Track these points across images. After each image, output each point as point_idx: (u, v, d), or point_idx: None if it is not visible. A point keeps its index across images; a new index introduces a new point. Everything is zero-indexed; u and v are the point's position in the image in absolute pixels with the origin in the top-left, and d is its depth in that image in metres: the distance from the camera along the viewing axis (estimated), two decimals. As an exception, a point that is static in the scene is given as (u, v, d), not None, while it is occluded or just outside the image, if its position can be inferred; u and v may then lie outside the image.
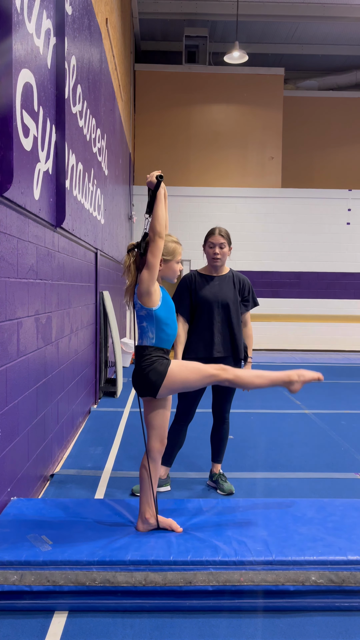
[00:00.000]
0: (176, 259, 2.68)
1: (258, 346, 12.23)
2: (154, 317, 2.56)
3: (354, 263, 12.49)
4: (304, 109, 13.23)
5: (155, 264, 2.49)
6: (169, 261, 2.65)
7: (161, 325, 2.57)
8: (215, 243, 3.47)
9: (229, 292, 3.53)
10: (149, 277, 2.50)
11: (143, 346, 2.60)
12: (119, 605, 2.28)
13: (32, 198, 3.04)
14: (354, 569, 2.32)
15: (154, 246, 2.48)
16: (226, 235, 3.50)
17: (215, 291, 3.51)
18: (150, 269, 2.49)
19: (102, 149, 6.18)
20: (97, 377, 6.21)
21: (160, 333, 2.58)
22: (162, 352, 2.60)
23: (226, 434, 3.66)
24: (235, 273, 3.62)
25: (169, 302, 2.64)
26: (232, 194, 12.31)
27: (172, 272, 2.68)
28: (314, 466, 4.16)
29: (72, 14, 4.08)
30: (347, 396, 6.99)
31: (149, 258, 2.49)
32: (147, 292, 2.52)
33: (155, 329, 2.57)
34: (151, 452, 2.65)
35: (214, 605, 2.30)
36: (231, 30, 11.78)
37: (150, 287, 2.51)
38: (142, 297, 2.54)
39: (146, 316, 2.57)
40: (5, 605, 2.26)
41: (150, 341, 2.58)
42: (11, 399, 2.83)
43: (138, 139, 12.37)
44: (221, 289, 3.52)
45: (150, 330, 2.58)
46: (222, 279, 3.56)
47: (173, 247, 2.66)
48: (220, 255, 3.48)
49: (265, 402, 6.40)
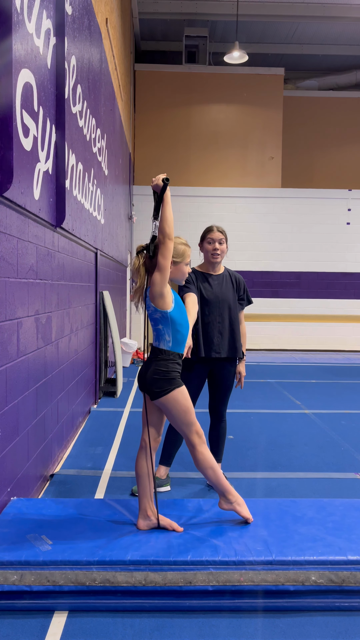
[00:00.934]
0: (185, 261, 2.71)
1: (258, 346, 12.23)
2: (169, 319, 2.57)
3: (354, 263, 12.49)
4: (304, 109, 13.23)
5: (167, 266, 2.50)
6: (179, 263, 2.68)
7: (176, 326, 2.60)
8: (214, 239, 3.47)
9: (228, 292, 3.53)
10: (161, 280, 2.51)
11: (160, 349, 2.62)
12: (119, 605, 2.28)
13: (32, 198, 3.04)
14: (354, 569, 2.32)
15: (164, 248, 2.49)
16: (224, 232, 3.53)
17: (217, 291, 3.50)
18: (161, 271, 2.50)
19: (102, 149, 6.18)
20: (97, 377, 6.21)
21: (176, 334, 2.61)
22: (178, 357, 2.64)
23: (224, 432, 3.67)
24: (231, 272, 3.63)
25: (180, 304, 2.67)
26: (232, 194, 12.31)
27: (181, 274, 2.71)
28: (314, 466, 4.16)
29: (72, 14, 4.08)
30: (347, 396, 6.99)
31: (160, 260, 2.49)
32: (161, 295, 2.53)
33: (172, 331, 2.59)
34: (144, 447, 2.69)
35: (214, 605, 2.30)
36: (231, 30, 11.78)
37: (163, 289, 2.52)
38: (155, 299, 2.55)
39: (161, 319, 2.58)
40: (5, 605, 2.26)
41: (167, 344, 2.61)
42: (11, 399, 2.83)
43: (138, 139, 12.37)
44: (222, 289, 3.52)
45: (167, 333, 2.60)
46: (221, 279, 3.56)
47: (183, 249, 2.68)
48: (220, 251, 3.48)
49: (265, 402, 6.40)
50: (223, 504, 2.72)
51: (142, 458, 2.69)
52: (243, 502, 2.72)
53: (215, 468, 2.67)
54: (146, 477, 2.67)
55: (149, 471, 2.68)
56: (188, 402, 2.63)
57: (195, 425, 2.65)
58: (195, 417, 2.66)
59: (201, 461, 2.65)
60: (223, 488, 2.69)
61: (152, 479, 2.69)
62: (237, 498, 2.70)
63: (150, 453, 2.69)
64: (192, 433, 2.64)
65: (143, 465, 2.68)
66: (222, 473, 2.71)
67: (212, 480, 2.69)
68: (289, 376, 8.60)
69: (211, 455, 2.69)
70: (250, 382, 7.87)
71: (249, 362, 10.04)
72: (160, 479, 3.56)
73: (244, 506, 2.71)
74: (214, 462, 2.68)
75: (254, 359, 10.69)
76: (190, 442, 2.65)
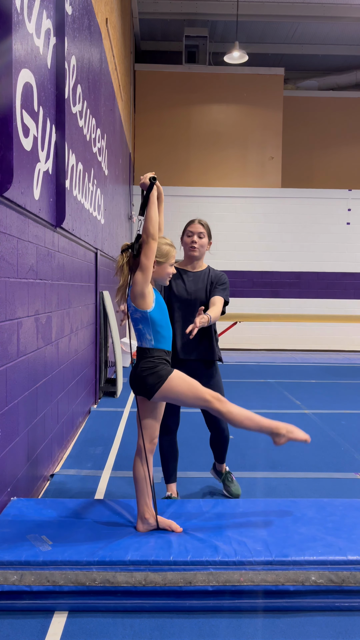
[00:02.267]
0: (169, 262, 2.67)
1: (258, 346, 12.24)
2: (149, 319, 2.56)
3: (354, 263, 12.49)
4: (304, 109, 13.22)
5: (149, 266, 2.49)
6: (162, 263, 2.64)
7: (156, 327, 2.58)
8: (193, 232, 3.23)
9: (200, 291, 3.23)
10: (142, 280, 2.50)
11: (144, 348, 2.61)
12: (119, 605, 2.28)
13: (32, 198, 3.04)
14: (354, 569, 2.32)
15: (147, 248, 2.48)
16: (206, 226, 3.26)
17: (189, 288, 3.22)
18: (143, 271, 2.49)
19: (102, 149, 6.18)
20: (97, 377, 6.21)
21: (157, 335, 2.59)
22: (164, 353, 2.61)
23: (225, 435, 3.44)
24: (213, 270, 3.32)
25: (161, 303, 2.65)
26: (232, 194, 12.30)
27: (165, 274, 2.68)
28: (314, 466, 4.16)
29: (72, 14, 4.08)
30: (347, 396, 6.99)
31: (143, 260, 2.48)
32: (142, 294, 2.52)
33: (152, 331, 2.58)
34: (140, 450, 2.66)
35: (214, 605, 2.30)
36: (231, 30, 11.78)
37: (144, 289, 2.52)
38: (136, 299, 2.54)
39: (141, 319, 2.57)
40: (5, 605, 2.26)
41: (149, 343, 2.59)
42: (11, 399, 2.83)
43: (138, 139, 12.37)
44: (195, 287, 3.23)
45: (148, 332, 2.58)
46: (197, 276, 3.27)
47: (167, 250, 2.65)
48: (198, 245, 3.22)
49: (265, 402, 6.40)
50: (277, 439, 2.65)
51: (138, 461, 2.68)
52: (294, 428, 2.66)
53: (252, 416, 2.59)
54: (143, 480, 2.66)
55: (145, 474, 2.67)
56: (187, 381, 2.57)
57: (208, 393, 2.57)
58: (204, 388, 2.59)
59: (234, 420, 2.57)
60: (270, 429, 2.62)
61: (149, 482, 2.68)
62: (287, 429, 2.64)
63: (146, 456, 2.68)
64: (211, 401, 2.55)
65: (140, 468, 2.67)
66: (260, 417, 2.62)
67: (254, 429, 2.62)
68: (289, 376, 8.60)
69: (239, 408, 2.59)
70: (250, 382, 7.87)
71: (250, 362, 10.04)
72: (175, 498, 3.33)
73: (296, 431, 2.65)
74: (246, 413, 2.59)
75: (254, 359, 10.69)
76: (216, 410, 2.56)
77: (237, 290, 12.02)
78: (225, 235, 12.16)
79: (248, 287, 12.26)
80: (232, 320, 9.87)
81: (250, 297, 12.23)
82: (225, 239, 12.14)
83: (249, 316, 10.67)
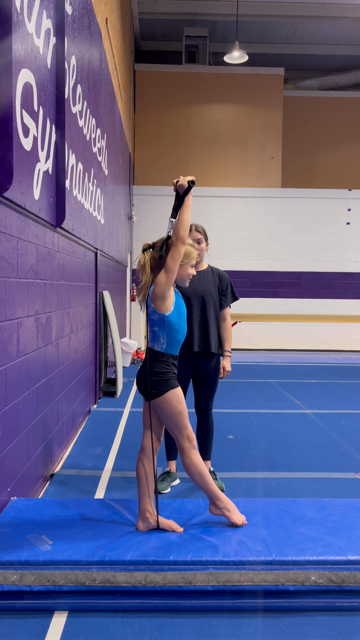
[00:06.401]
0: (191, 262, 2.69)
1: (258, 346, 12.23)
2: (165, 322, 2.56)
3: (354, 263, 12.49)
4: (304, 109, 13.22)
5: (175, 268, 2.49)
6: (184, 264, 2.65)
7: (172, 331, 2.59)
8: (193, 239, 3.45)
9: (208, 286, 3.56)
10: (165, 281, 2.50)
11: (154, 350, 2.62)
12: (119, 605, 2.28)
13: (32, 198, 3.04)
14: (354, 569, 2.32)
15: (175, 251, 2.48)
16: (203, 232, 3.56)
17: (196, 285, 3.51)
18: (168, 272, 2.49)
19: (102, 148, 6.18)
20: (97, 377, 6.21)
21: (171, 339, 2.60)
22: (172, 358, 2.64)
23: (211, 430, 3.69)
24: (214, 269, 3.65)
25: (180, 307, 2.65)
26: (232, 194, 12.30)
27: (186, 275, 2.69)
28: (314, 466, 4.16)
29: (72, 14, 4.08)
30: (347, 396, 6.99)
31: (169, 262, 2.48)
32: (162, 296, 2.52)
33: (167, 335, 2.58)
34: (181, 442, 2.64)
35: (214, 605, 2.30)
36: (231, 30, 11.78)
37: (165, 291, 2.51)
38: (156, 300, 2.54)
39: (158, 321, 2.57)
40: (5, 605, 2.26)
41: (161, 346, 2.60)
42: (11, 399, 2.83)
43: (138, 139, 12.37)
44: (202, 284, 3.54)
45: (162, 336, 2.59)
46: (201, 274, 3.58)
47: (189, 250, 2.66)
48: (199, 250, 3.49)
49: (265, 402, 6.40)
50: (213, 509, 2.69)
51: (142, 460, 2.69)
52: (233, 507, 2.67)
53: (204, 473, 2.63)
54: (145, 480, 2.67)
55: (147, 474, 2.67)
56: (182, 406, 2.62)
57: (187, 430, 2.62)
58: (188, 422, 2.65)
59: (189, 466, 2.63)
60: (212, 493, 2.66)
61: (151, 482, 2.68)
62: (226, 503, 2.66)
63: (151, 455, 2.68)
64: (183, 437, 2.62)
65: (143, 467, 2.68)
66: (210, 478, 2.67)
67: (200, 485, 2.66)
68: (289, 376, 8.60)
69: (201, 461, 2.65)
70: (250, 382, 7.87)
71: (249, 362, 10.04)
72: (173, 473, 3.66)
73: (234, 511, 2.66)
74: (202, 468, 2.64)
75: (254, 359, 10.69)
76: (180, 446, 2.63)
77: (237, 290, 11.96)
78: (225, 235, 12.16)
79: (248, 287, 12.25)
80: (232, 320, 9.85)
81: (250, 297, 12.23)
82: (225, 239, 12.15)
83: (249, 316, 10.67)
